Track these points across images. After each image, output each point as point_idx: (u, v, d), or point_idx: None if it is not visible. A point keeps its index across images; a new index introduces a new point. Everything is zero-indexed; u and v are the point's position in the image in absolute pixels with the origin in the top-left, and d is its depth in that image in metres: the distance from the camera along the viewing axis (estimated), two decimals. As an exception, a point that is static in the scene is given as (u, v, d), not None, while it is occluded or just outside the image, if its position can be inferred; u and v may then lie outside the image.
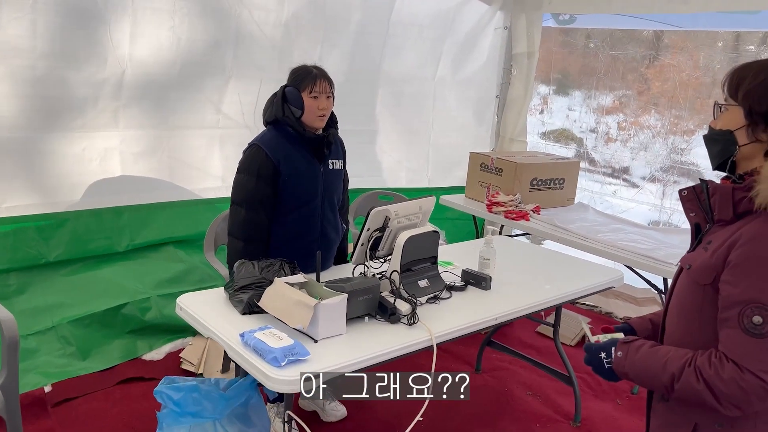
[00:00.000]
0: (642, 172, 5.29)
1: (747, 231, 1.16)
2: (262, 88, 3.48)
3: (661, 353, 1.23)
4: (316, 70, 2.39)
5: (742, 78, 1.21)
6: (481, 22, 4.30)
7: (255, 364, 1.70)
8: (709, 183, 1.27)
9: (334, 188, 2.52)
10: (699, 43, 4.45)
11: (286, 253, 2.34)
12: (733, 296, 1.15)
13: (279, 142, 2.38)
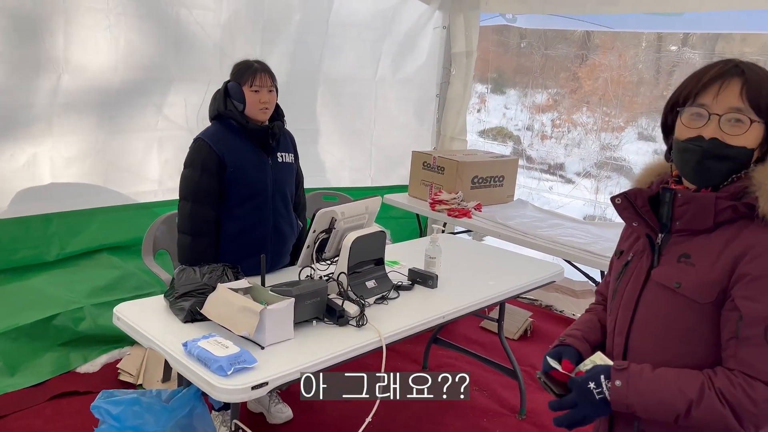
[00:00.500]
0: (576, 168, 5.46)
1: (756, 242, 1.10)
2: (209, 89, 3.39)
3: (669, 378, 1.13)
4: (257, 64, 2.40)
5: (761, 87, 1.12)
6: (420, 22, 4.32)
7: (200, 374, 1.64)
8: (678, 192, 1.18)
9: (285, 181, 2.51)
10: (626, 43, 4.63)
11: (238, 247, 2.35)
12: (757, 312, 1.08)
13: (223, 135, 2.37)
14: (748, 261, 1.10)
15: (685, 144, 1.16)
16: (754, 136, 1.13)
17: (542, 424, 2.83)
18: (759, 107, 1.11)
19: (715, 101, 1.13)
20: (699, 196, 1.15)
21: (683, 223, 1.18)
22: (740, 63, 1.15)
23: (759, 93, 1.11)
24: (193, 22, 3.31)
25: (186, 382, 1.87)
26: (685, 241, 1.19)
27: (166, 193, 3.42)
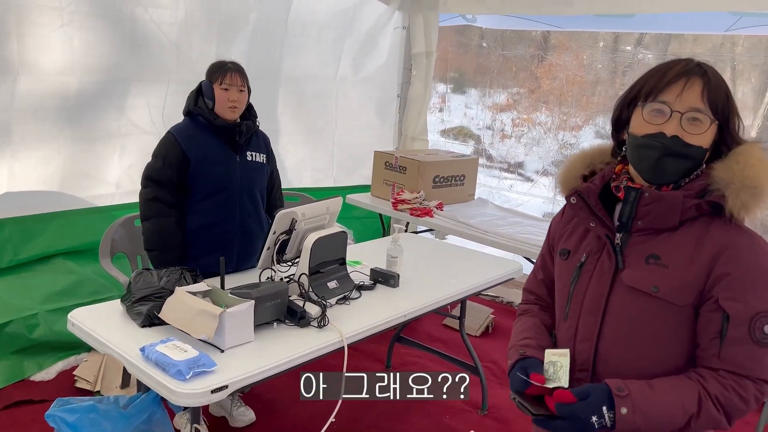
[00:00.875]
0: (535, 167, 5.56)
1: (729, 241, 1.12)
2: (170, 89, 3.34)
3: (668, 393, 1.11)
4: (230, 64, 2.46)
5: (726, 95, 1.14)
6: (380, 22, 4.33)
7: (158, 378, 1.62)
8: (645, 191, 1.17)
9: (254, 180, 2.53)
10: (582, 43, 4.73)
11: (204, 242, 2.41)
12: (742, 312, 1.10)
13: (192, 131, 2.43)
14: (726, 261, 1.11)
15: (645, 140, 1.15)
16: (710, 137, 1.15)
17: (503, 419, 2.88)
18: (716, 108, 1.13)
19: (678, 99, 1.12)
20: (667, 195, 1.15)
21: (646, 222, 1.17)
22: (702, 63, 1.16)
23: (718, 95, 1.13)
24: (149, 21, 3.25)
25: (145, 388, 1.85)
26: (647, 240, 1.18)
27: (124, 196, 3.35)
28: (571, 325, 1.27)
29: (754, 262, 1.11)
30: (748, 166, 1.13)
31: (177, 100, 2.89)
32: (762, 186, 1.11)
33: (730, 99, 1.15)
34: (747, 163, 1.13)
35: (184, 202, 2.43)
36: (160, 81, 3.36)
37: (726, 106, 1.14)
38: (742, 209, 1.11)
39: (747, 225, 1.17)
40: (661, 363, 1.17)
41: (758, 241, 1.14)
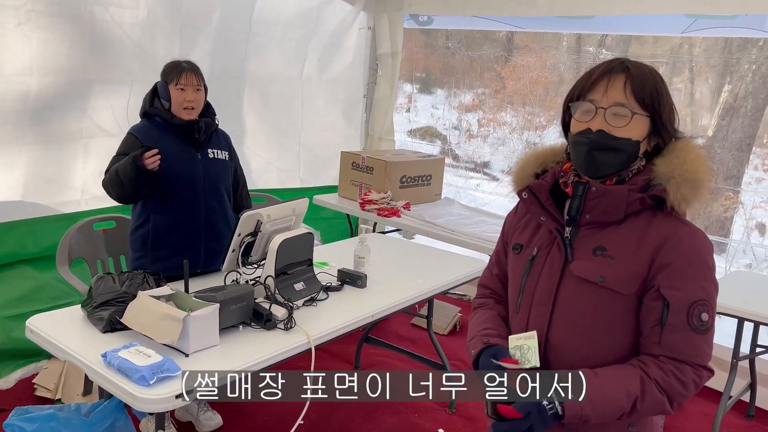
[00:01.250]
0: (501, 166, 5.63)
1: (670, 232, 1.17)
2: (133, 90, 3.27)
3: (613, 379, 1.15)
4: (185, 63, 2.44)
5: (655, 89, 1.19)
6: (345, 22, 4.32)
7: (120, 385, 1.59)
8: (592, 185, 1.22)
9: (218, 177, 2.51)
10: (546, 44, 4.81)
11: (171, 242, 2.39)
12: (680, 300, 1.15)
13: (150, 130, 2.42)
14: (667, 251, 1.16)
15: (576, 137, 1.22)
16: (639, 128, 1.19)
17: (471, 416, 2.91)
18: (643, 101, 1.18)
19: (604, 97, 1.19)
20: (612, 189, 1.20)
21: (594, 216, 1.21)
22: (626, 60, 1.21)
23: (642, 87, 1.18)
24: (110, 21, 3.18)
25: (107, 395, 1.81)
26: (595, 233, 1.22)
27: (91, 201, 3.28)
28: (523, 317, 1.31)
29: (694, 253, 1.16)
30: (688, 160, 1.18)
31: (140, 102, 2.84)
32: (700, 179, 1.17)
33: (661, 92, 1.19)
34: (686, 158, 1.19)
35: (147, 203, 2.40)
36: (123, 82, 3.29)
37: (656, 99, 1.19)
38: (682, 202, 1.16)
39: (688, 218, 1.23)
40: (608, 351, 1.21)
41: (697, 233, 1.19)
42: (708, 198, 1.20)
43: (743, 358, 2.77)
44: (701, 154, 1.21)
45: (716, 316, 1.19)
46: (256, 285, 2.14)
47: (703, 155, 1.21)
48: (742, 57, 4.12)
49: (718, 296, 1.19)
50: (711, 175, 1.20)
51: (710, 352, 1.17)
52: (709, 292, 1.16)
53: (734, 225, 4.43)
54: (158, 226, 2.40)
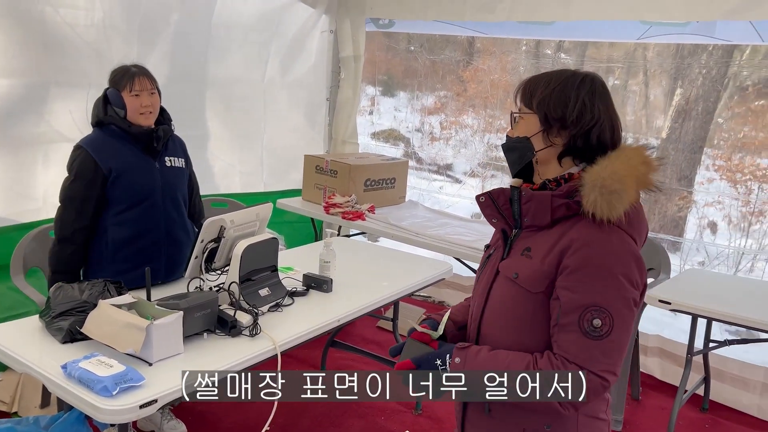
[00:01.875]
0: (463, 168, 5.69)
1: (579, 236, 1.20)
2: (90, 93, 3.18)
3: (500, 358, 1.23)
4: (134, 68, 2.36)
5: (534, 87, 1.28)
6: (306, 25, 4.31)
7: (82, 396, 1.55)
8: (523, 190, 1.28)
9: (176, 186, 2.46)
10: (506, 48, 4.89)
11: (130, 254, 2.32)
12: (572, 301, 1.18)
13: (104, 141, 2.33)
14: (570, 254, 1.20)
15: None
16: (527, 126, 1.30)
17: (437, 418, 2.93)
18: (530, 103, 1.30)
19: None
20: (537, 194, 1.26)
21: (529, 220, 1.28)
22: (532, 78, 1.33)
23: (530, 93, 1.30)
24: (61, 22, 3.10)
25: (67, 407, 1.77)
26: (530, 236, 1.29)
27: (52, 210, 3.16)
28: (472, 310, 1.43)
29: (596, 258, 1.18)
30: (609, 168, 1.21)
31: None
32: (611, 186, 1.18)
33: (548, 89, 1.27)
34: (608, 166, 1.21)
35: (104, 216, 2.33)
36: (79, 85, 3.19)
37: (537, 96, 1.28)
38: (594, 208, 1.18)
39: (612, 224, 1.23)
40: (524, 344, 1.26)
41: (611, 239, 1.19)
42: (629, 204, 1.20)
43: (697, 353, 2.86)
44: (629, 161, 1.22)
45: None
46: (220, 291, 2.12)
47: (631, 163, 1.22)
48: (693, 62, 4.26)
49: (633, 312, 1.19)
50: (635, 181, 1.21)
51: (606, 361, 1.17)
52: (607, 300, 1.17)
53: (687, 224, 4.58)
54: (117, 239, 2.33)
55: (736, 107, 4.32)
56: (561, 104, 1.25)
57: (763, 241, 4.22)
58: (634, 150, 1.26)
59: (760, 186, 4.19)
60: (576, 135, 1.25)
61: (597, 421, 1.31)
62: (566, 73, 1.29)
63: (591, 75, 1.29)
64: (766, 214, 4.22)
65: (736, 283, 3.28)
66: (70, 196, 2.29)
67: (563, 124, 1.26)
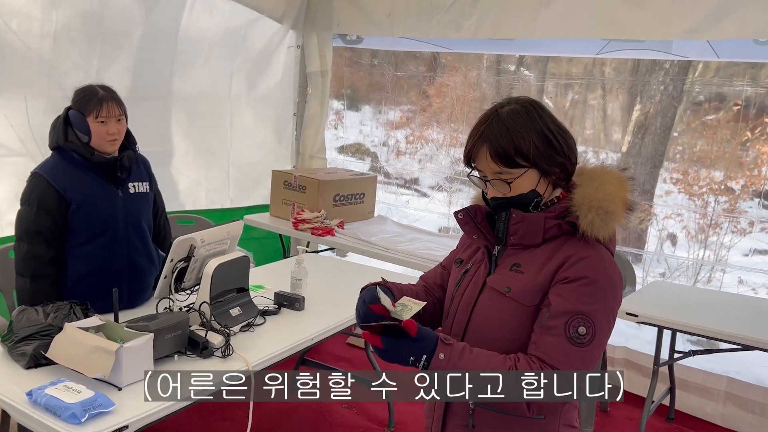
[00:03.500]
0: (430, 182, 5.73)
1: (574, 252, 1.25)
2: (28, 105, 3.08)
3: (482, 358, 1.23)
4: (102, 91, 2.21)
5: (516, 145, 1.24)
6: (273, 41, 4.30)
7: (49, 424, 1.50)
8: (513, 212, 1.30)
9: (139, 214, 2.35)
10: (469, 64, 4.96)
11: (90, 287, 2.19)
12: (561, 306, 1.22)
13: (64, 169, 2.18)
14: (566, 267, 1.25)
15: (486, 201, 1.36)
16: (526, 182, 1.28)
17: (411, 434, 2.92)
18: (512, 161, 1.26)
19: (482, 167, 1.30)
20: (530, 216, 1.29)
21: (517, 239, 1.31)
22: (485, 123, 1.27)
23: (503, 153, 1.25)
24: (8, 31, 3.00)
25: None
26: (518, 253, 1.32)
27: (6, 228, 3.04)
28: (449, 322, 1.42)
29: (591, 272, 1.23)
30: (599, 189, 1.29)
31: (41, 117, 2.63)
32: (607, 207, 1.26)
33: (524, 141, 1.24)
34: (599, 187, 1.29)
35: (63, 246, 2.21)
36: (20, 97, 3.08)
37: (522, 152, 1.24)
38: (591, 228, 1.25)
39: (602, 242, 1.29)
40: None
41: (603, 258, 1.26)
42: (618, 224, 1.28)
43: (663, 364, 2.93)
44: (616, 183, 1.31)
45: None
46: (190, 312, 2.07)
47: (618, 183, 1.31)
48: (651, 79, 4.40)
49: (611, 327, 1.25)
50: (623, 204, 1.29)
51: (582, 368, 1.20)
52: (594, 311, 1.22)
53: (649, 236, 4.70)
54: (75, 273, 2.21)
55: (692, 122, 4.47)
56: (547, 145, 1.26)
57: (719, 252, 4.36)
58: (617, 174, 1.33)
59: (716, 198, 4.33)
60: (566, 162, 1.29)
61: (573, 430, 1.36)
62: (515, 113, 1.27)
63: (528, 101, 1.30)
64: (722, 226, 4.36)
65: (698, 295, 3.37)
66: (36, 229, 2.14)
67: (555, 161, 1.28)
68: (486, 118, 1.29)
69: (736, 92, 3.85)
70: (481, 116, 1.31)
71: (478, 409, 1.32)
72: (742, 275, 4.25)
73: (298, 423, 2.92)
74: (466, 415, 1.34)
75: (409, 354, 1.19)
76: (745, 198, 4.31)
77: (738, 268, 4.13)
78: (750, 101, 3.72)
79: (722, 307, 2.93)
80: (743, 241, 4.30)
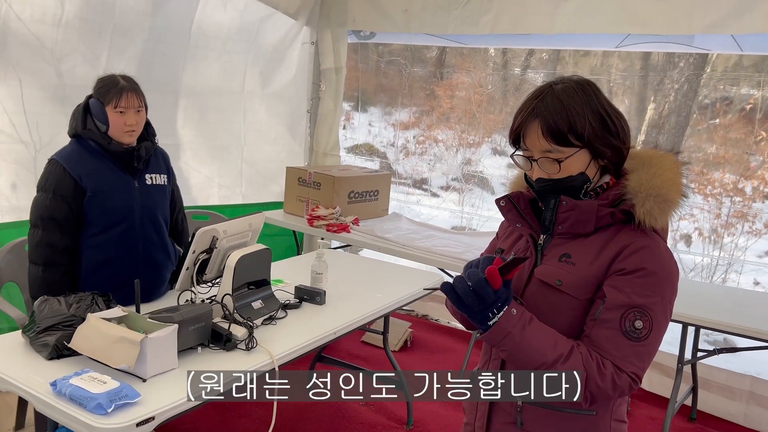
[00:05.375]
0: (440, 182, 5.70)
1: (630, 242, 1.19)
2: (24, 92, 3.03)
3: (549, 331, 1.18)
4: (124, 81, 2.18)
5: (565, 123, 1.17)
6: (288, 37, 4.27)
7: (74, 415, 1.46)
8: (563, 199, 1.23)
9: (156, 206, 2.31)
10: (476, 64, 4.93)
11: (105, 279, 2.15)
12: (618, 299, 1.16)
13: (81, 157, 2.16)
14: (622, 258, 1.18)
15: (529, 184, 1.27)
16: (576, 163, 1.20)
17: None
18: (565, 139, 1.18)
19: (532, 145, 1.21)
20: (582, 203, 1.21)
21: (566, 227, 1.24)
22: (538, 98, 1.20)
23: (557, 129, 1.17)
24: (13, 18, 2.96)
25: (51, 427, 1.66)
26: (566, 242, 1.25)
27: (5, 214, 3.02)
28: None
29: (649, 264, 1.17)
30: (657, 176, 1.21)
31: (54, 108, 2.61)
32: (666, 195, 1.19)
33: (579, 118, 1.17)
34: (656, 173, 1.21)
35: (78, 236, 2.18)
36: (15, 84, 3.04)
37: (577, 130, 1.18)
38: (648, 216, 1.18)
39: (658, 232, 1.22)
40: None
41: (659, 248, 1.20)
42: (675, 212, 1.21)
43: (687, 363, 2.88)
44: (673, 168, 1.23)
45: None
46: (212, 304, 2.03)
47: (675, 170, 1.23)
48: (665, 76, 4.36)
49: (668, 321, 1.19)
50: (680, 190, 1.22)
51: (638, 364, 1.16)
52: (652, 305, 1.16)
53: (665, 236, 4.65)
54: (91, 263, 2.18)
55: (706, 122, 4.43)
56: (602, 126, 1.19)
57: (734, 253, 4.31)
58: (671, 157, 1.25)
59: (732, 199, 4.29)
60: (620, 145, 1.22)
61: (623, 425, 1.30)
62: (571, 90, 1.20)
63: (583, 79, 1.24)
64: (736, 226, 4.31)
65: (718, 292, 3.32)
66: (51, 215, 2.12)
67: (609, 143, 1.21)
68: (539, 93, 1.21)
69: (748, 91, 3.81)
70: (532, 92, 1.23)
71: (526, 405, 1.26)
72: (758, 277, 4.20)
73: (315, 420, 2.88)
74: (513, 411, 1.28)
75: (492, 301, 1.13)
76: (758, 199, 4.26)
77: (755, 267, 4.09)
78: (763, 101, 3.68)
79: (744, 304, 2.88)
80: (759, 242, 4.25)
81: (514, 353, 1.17)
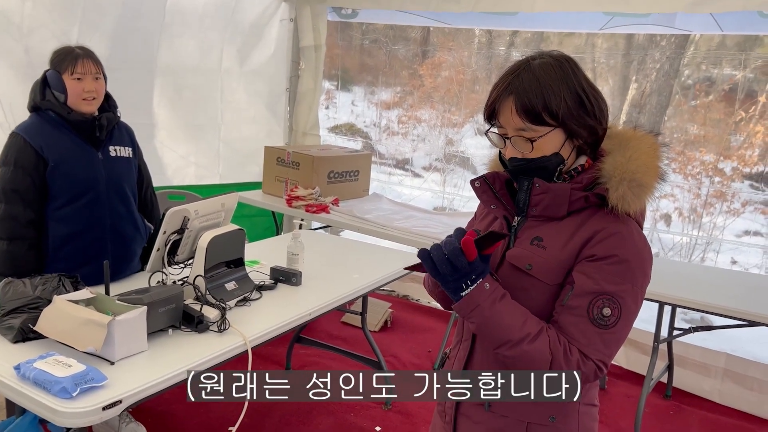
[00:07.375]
0: (422, 163, 5.66)
1: (602, 227, 1.16)
2: (20, 73, 2.96)
3: (519, 309, 1.15)
4: (79, 49, 2.17)
5: (546, 101, 1.13)
6: (266, 13, 4.18)
7: (37, 399, 1.43)
8: (536, 182, 1.19)
9: (121, 178, 2.28)
10: (460, 43, 4.87)
11: (71, 252, 2.13)
12: (586, 286, 1.14)
13: (42, 128, 2.13)
14: (593, 243, 1.15)
15: (503, 164, 1.24)
16: (550, 143, 1.16)
17: (407, 413, 2.88)
18: (539, 118, 1.14)
19: (505, 122, 1.17)
20: (554, 186, 1.18)
21: (539, 210, 1.21)
22: (514, 74, 1.16)
23: (531, 107, 1.13)
24: None
25: (19, 411, 1.64)
26: (539, 225, 1.22)
27: None
28: None
29: (620, 250, 1.14)
30: (632, 159, 1.17)
31: (26, 88, 2.53)
32: (641, 179, 1.15)
33: (555, 96, 1.14)
34: (632, 156, 1.17)
35: (44, 209, 2.14)
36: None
37: (551, 109, 1.14)
38: (621, 202, 1.15)
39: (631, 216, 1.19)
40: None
41: (633, 232, 1.16)
42: (650, 196, 1.17)
43: (663, 341, 2.90)
44: (650, 152, 1.19)
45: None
46: (184, 285, 2.00)
47: (652, 153, 1.19)
48: (646, 55, 4.34)
49: (639, 308, 1.16)
50: (657, 174, 1.18)
51: (605, 351, 1.14)
52: (621, 292, 1.13)
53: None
54: (57, 236, 2.15)
55: (686, 102, 4.43)
56: (578, 105, 1.15)
57: (713, 233, 4.35)
58: (649, 139, 1.21)
59: (711, 179, 4.31)
60: (596, 125, 1.18)
61: (593, 408, 1.29)
62: (548, 66, 1.15)
63: (562, 55, 1.19)
64: (715, 206, 4.34)
65: (696, 271, 3.35)
66: (13, 187, 2.08)
67: (584, 123, 1.17)
68: (515, 68, 1.16)
69: (730, 72, 3.81)
70: (509, 67, 1.18)
71: None
72: (735, 255, 4.24)
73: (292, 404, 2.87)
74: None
75: (466, 272, 1.11)
76: (737, 178, 4.29)
77: (733, 246, 4.12)
78: (744, 81, 3.68)
79: (721, 283, 2.91)
80: (737, 221, 4.29)
81: (481, 327, 1.15)
